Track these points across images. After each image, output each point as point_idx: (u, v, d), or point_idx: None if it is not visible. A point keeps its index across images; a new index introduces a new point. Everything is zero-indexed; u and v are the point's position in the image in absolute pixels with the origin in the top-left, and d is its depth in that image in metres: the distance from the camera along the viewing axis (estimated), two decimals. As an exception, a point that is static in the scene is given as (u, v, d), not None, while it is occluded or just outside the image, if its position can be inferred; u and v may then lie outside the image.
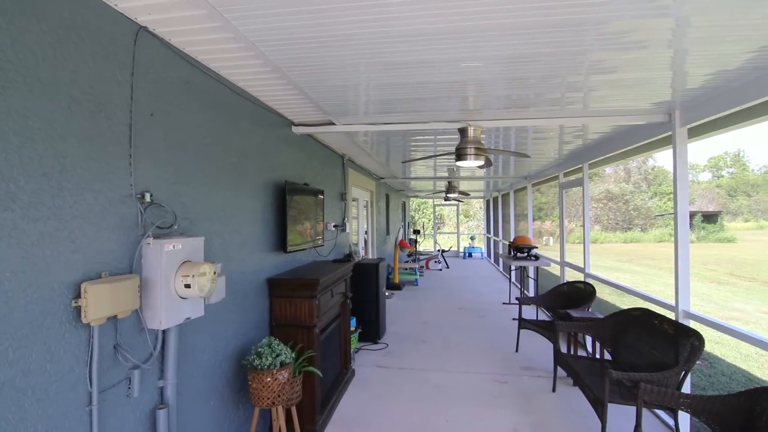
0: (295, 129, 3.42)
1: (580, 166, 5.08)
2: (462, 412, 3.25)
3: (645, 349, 3.02)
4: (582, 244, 5.01)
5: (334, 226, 4.66)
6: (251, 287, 2.64)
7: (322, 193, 3.95)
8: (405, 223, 13.87)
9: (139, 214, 1.65)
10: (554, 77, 2.33)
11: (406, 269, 9.60)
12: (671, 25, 1.68)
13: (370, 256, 7.67)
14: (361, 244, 7.18)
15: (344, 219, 5.15)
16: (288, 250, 3.04)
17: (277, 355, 2.29)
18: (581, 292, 4.45)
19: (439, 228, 30.56)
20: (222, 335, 2.29)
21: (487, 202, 14.88)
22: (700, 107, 2.72)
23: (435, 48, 1.91)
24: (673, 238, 2.97)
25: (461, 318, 6.22)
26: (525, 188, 8.39)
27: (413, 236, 13.32)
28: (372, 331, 5.02)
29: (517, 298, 4.96)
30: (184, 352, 1.92)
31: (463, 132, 3.31)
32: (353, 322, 4.31)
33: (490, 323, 5.92)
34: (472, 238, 18.30)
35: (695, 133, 2.94)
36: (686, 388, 2.84)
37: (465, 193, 9.98)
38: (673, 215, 2.99)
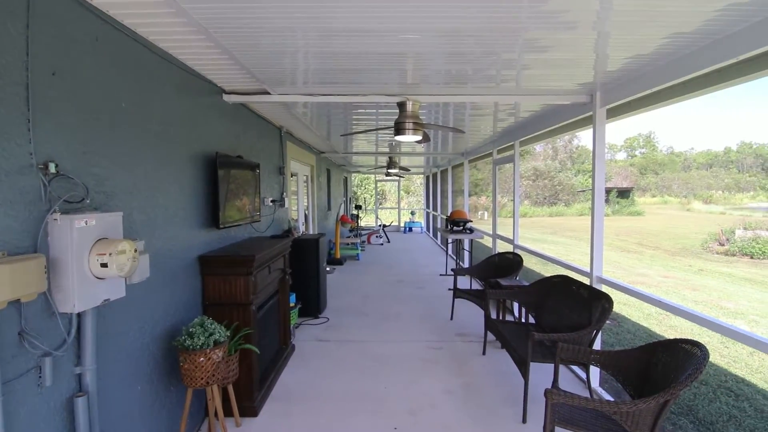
0: (226, 97, 3.22)
1: (512, 143, 5.33)
2: (400, 379, 3.39)
3: (564, 311, 3.32)
4: (512, 218, 5.32)
5: (272, 201, 4.52)
6: (181, 265, 2.50)
7: (258, 166, 3.79)
8: (347, 198, 13.81)
9: (42, 187, 1.47)
10: (491, 54, 2.38)
11: (348, 244, 9.63)
12: (596, 7, 1.76)
13: (311, 232, 7.58)
14: (302, 220, 7.06)
15: (283, 194, 5.00)
16: (221, 226, 2.90)
17: (210, 334, 2.22)
18: (510, 262, 4.75)
19: (381, 203, 30.80)
20: (149, 316, 2.16)
21: (427, 177, 15.23)
22: (619, 89, 2.94)
23: (374, 16, 1.86)
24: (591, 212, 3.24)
25: (401, 290, 6.40)
26: (462, 164, 8.67)
27: (355, 211, 13.35)
28: (313, 306, 5.01)
29: (452, 270, 5.19)
30: (105, 335, 1.79)
31: (402, 106, 3.31)
32: (293, 297, 4.27)
33: (427, 294, 6.16)
34: (412, 213, 18.73)
35: (613, 113, 3.19)
36: (597, 345, 3.17)
37: (405, 169, 10.11)
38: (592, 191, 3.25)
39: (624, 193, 38.29)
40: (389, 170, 8.89)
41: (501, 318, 4.26)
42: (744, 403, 3.53)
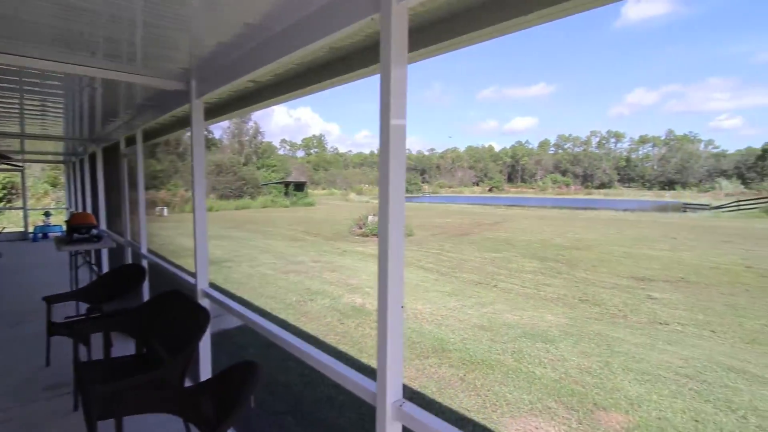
0: None
1: (133, 133, 4.44)
2: None
3: (173, 332, 2.83)
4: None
5: None
6: None
7: None
8: None
9: None
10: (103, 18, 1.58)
11: None
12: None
13: None
14: None
15: None
16: None
17: None
18: (129, 277, 3.91)
19: (10, 201, 22.89)
20: None
21: (70, 166, 11.75)
22: (211, 79, 2.64)
23: None
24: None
25: (-28, 336, 4.33)
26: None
27: None
28: None
29: (44, 298, 3.81)
30: None
31: None
32: None
33: (26, 333, 4.43)
34: (47, 215, 14.18)
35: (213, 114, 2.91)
36: (206, 367, 2.87)
37: (5, 156, 7.20)
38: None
39: (300, 187, 43.09)
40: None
41: (107, 354, 3.37)
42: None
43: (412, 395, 3.45)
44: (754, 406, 3.36)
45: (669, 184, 77.77)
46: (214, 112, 4.18)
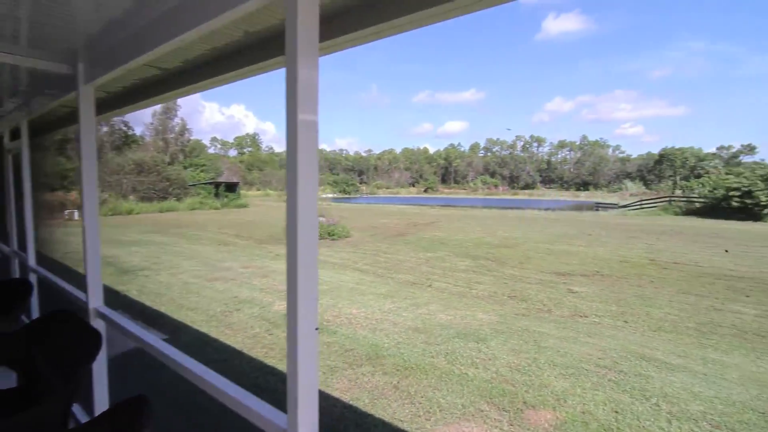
0: None
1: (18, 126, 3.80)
2: None
3: (59, 360, 2.39)
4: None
5: None
6: None
7: None
8: None
9: None
10: None
11: None
12: None
13: None
14: None
15: None
16: None
17: None
18: (12, 294, 3.30)
19: None
20: None
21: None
22: (101, 62, 2.26)
23: None
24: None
25: None
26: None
27: None
28: None
29: None
30: None
31: None
32: None
33: None
34: None
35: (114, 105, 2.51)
36: (102, 395, 2.48)
37: None
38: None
39: (232, 187, 40.96)
40: None
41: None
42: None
43: (343, 410, 3.27)
44: (665, 393, 3.62)
45: (584, 185, 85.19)
46: (115, 103, 3.70)
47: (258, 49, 2.24)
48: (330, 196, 66.70)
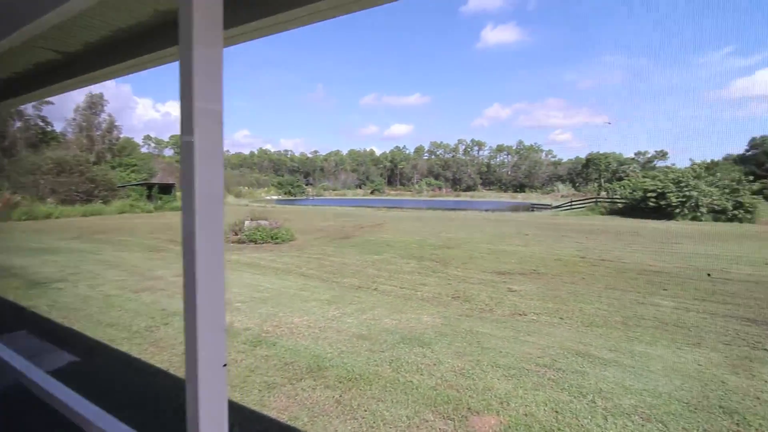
0: None
1: None
2: None
3: None
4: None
5: None
6: None
7: None
8: None
9: None
10: None
11: None
12: None
13: None
14: None
15: None
16: None
17: None
18: None
19: None
20: None
21: None
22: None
23: None
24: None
25: None
26: None
27: None
28: None
29: None
30: None
31: None
32: None
33: None
34: None
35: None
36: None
37: None
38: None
39: (167, 189, 38.38)
40: None
41: None
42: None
43: (280, 431, 3.03)
44: (599, 389, 3.75)
45: (520, 187, 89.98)
46: (6, 91, 3.20)
47: (171, 31, 1.97)
48: (275, 198, 64.78)
